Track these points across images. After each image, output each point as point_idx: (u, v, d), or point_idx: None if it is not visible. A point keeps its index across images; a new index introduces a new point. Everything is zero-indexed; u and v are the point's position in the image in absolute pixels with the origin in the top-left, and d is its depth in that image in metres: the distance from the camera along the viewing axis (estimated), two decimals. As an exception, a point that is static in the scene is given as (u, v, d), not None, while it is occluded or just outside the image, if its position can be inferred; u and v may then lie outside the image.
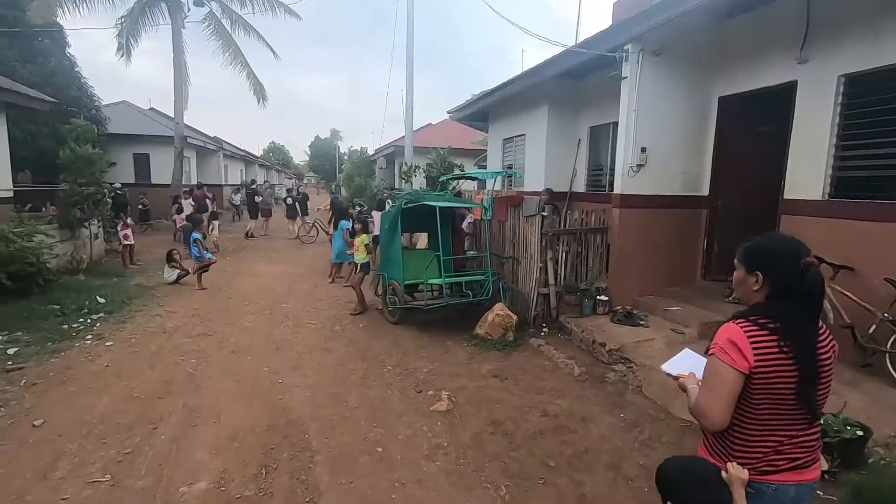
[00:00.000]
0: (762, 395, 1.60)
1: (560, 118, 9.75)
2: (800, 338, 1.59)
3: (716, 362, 1.62)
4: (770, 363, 1.57)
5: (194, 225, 9.07)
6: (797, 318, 1.61)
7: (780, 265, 1.63)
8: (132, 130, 20.53)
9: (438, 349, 5.97)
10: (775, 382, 1.58)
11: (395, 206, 6.83)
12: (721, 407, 1.61)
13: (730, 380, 1.58)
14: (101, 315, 6.93)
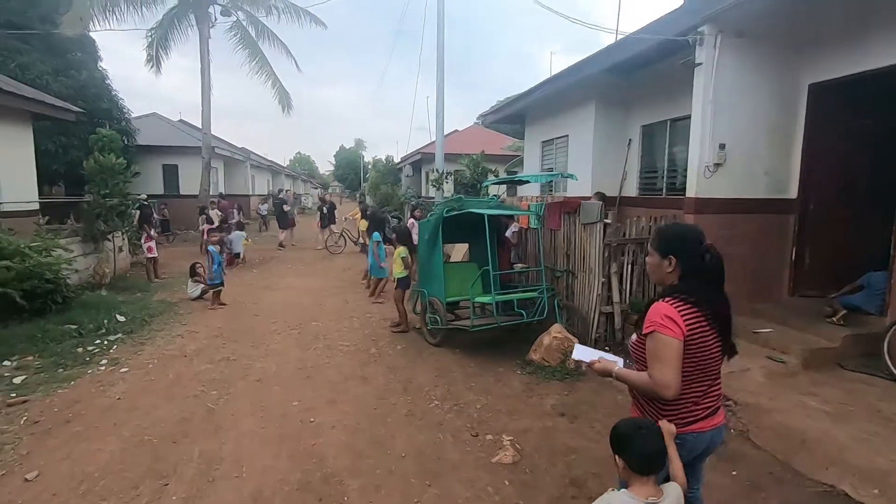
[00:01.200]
0: (690, 357, 1.90)
1: (609, 117, 8.91)
2: (712, 306, 1.92)
3: (662, 337, 1.87)
4: (696, 330, 1.89)
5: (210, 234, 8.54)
6: (707, 290, 1.94)
7: (688, 249, 1.99)
8: (161, 142, 20.47)
9: (489, 378, 5.18)
10: (700, 344, 1.90)
11: (435, 213, 6.10)
12: (677, 374, 1.86)
13: (677, 348, 1.86)
14: (118, 336, 6.37)
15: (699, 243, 1.99)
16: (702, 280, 1.95)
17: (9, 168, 9.32)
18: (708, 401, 1.99)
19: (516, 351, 5.83)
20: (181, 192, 20.43)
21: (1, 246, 6.38)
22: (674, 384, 1.85)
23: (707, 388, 1.98)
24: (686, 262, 1.98)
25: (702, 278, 1.96)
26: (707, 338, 1.91)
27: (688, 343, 1.87)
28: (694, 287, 1.94)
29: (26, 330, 6.10)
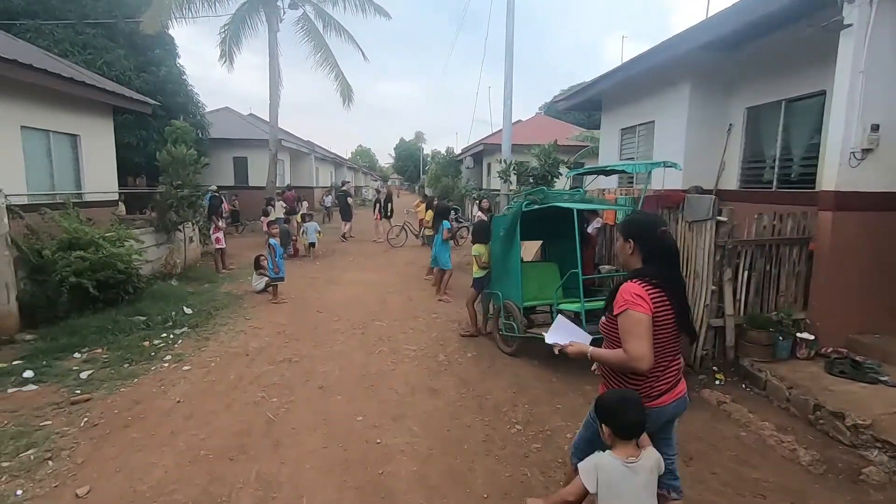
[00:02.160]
0: (654, 334, 2.07)
1: (706, 99, 7.81)
2: (671, 286, 2.14)
3: (634, 314, 2.04)
4: (660, 307, 2.09)
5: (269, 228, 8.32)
6: (666, 272, 2.15)
7: (645, 235, 2.21)
8: (232, 135, 21.05)
9: (576, 397, 4.48)
10: (662, 322, 2.11)
11: (512, 207, 5.43)
12: (650, 347, 2.04)
13: (647, 323, 2.05)
14: (184, 330, 6.23)
15: (655, 229, 2.20)
16: (662, 264, 2.15)
17: (91, 159, 9.59)
18: (669, 375, 2.19)
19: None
20: (250, 184, 20.94)
21: (76, 236, 6.40)
22: (647, 356, 2.01)
23: (668, 362, 2.19)
24: (643, 245, 2.19)
25: (661, 262, 2.15)
26: (667, 316, 2.12)
27: (654, 319, 2.06)
28: (656, 271, 2.13)
29: (98, 321, 6.07)
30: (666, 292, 2.11)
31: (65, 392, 4.41)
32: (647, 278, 2.11)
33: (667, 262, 2.18)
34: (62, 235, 6.36)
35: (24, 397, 4.30)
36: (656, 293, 2.08)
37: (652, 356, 2.02)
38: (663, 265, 2.16)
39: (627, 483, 1.92)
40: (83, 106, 9.30)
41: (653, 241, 2.18)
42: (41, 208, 6.71)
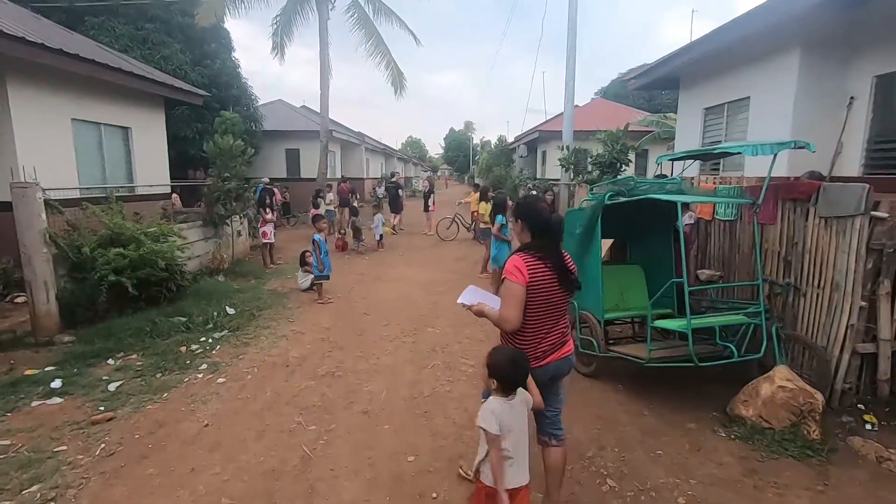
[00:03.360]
0: (535, 298, 2.38)
1: (819, 68, 6.46)
2: (550, 256, 2.43)
3: (509, 283, 2.37)
4: (537, 276, 2.38)
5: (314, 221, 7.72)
6: (547, 245, 2.46)
7: (530, 213, 2.53)
8: (285, 127, 20.99)
9: (678, 439, 3.54)
10: (543, 288, 2.39)
11: (593, 200, 4.49)
12: (517, 312, 2.35)
13: (518, 292, 2.35)
14: (224, 334, 5.75)
15: (537, 207, 2.56)
16: (544, 237, 2.48)
17: (142, 152, 9.42)
18: (552, 337, 2.49)
19: (706, 392, 4.12)
20: (302, 176, 20.83)
21: (117, 232, 6.06)
22: (513, 319, 2.36)
23: (553, 324, 2.49)
24: (530, 223, 2.52)
25: (543, 236, 2.48)
26: (549, 283, 2.41)
27: (532, 287, 2.37)
28: (539, 244, 2.48)
29: (138, 321, 5.69)
30: (548, 261, 2.41)
31: (89, 407, 3.96)
32: (529, 251, 2.44)
33: (548, 235, 2.50)
34: (102, 231, 6.02)
35: (47, 412, 3.88)
36: (537, 263, 2.39)
37: (517, 320, 2.36)
38: (545, 238, 2.48)
39: (512, 416, 2.24)
40: (134, 98, 9.11)
41: (536, 218, 2.50)
42: (82, 203, 6.42)
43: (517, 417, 2.25)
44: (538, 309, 2.40)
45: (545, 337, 2.45)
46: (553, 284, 2.41)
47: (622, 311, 4.66)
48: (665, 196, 3.98)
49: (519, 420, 2.26)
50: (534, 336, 2.44)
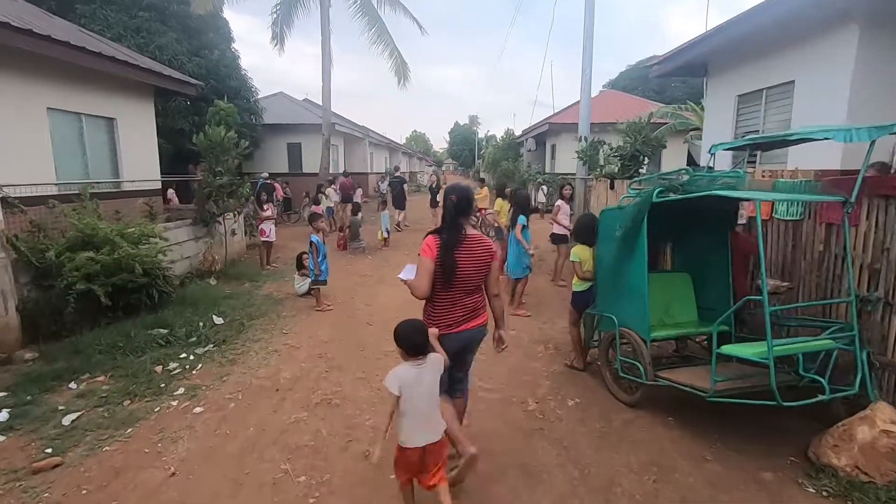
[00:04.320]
0: (440, 274, 2.67)
1: (881, 47, 5.67)
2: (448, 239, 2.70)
3: (420, 258, 2.71)
4: (445, 255, 2.66)
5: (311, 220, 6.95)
6: (449, 229, 2.73)
7: (446, 201, 2.82)
8: (286, 120, 20.25)
9: (752, 493, 2.82)
10: (448, 264, 2.66)
11: (639, 195, 3.73)
12: (425, 282, 2.66)
13: (427, 265, 2.67)
14: (208, 348, 5.06)
15: (448, 197, 2.82)
16: (448, 222, 2.77)
17: (130, 145, 8.73)
18: (459, 309, 2.76)
19: (776, 428, 3.39)
20: (304, 171, 20.12)
21: (89, 233, 5.36)
22: (421, 288, 2.67)
23: (460, 298, 2.76)
24: (445, 211, 2.84)
25: (450, 222, 2.76)
26: (455, 262, 2.67)
27: (437, 262, 2.66)
28: (443, 226, 2.78)
29: (110, 335, 5.01)
30: (447, 241, 2.71)
31: (35, 448, 3.28)
32: (438, 231, 2.77)
33: (452, 222, 2.77)
34: (71, 233, 5.33)
35: (-17, 456, 3.20)
36: (442, 246, 2.69)
37: (425, 289, 2.68)
38: (451, 224, 2.76)
39: (418, 377, 2.42)
40: (119, 86, 8.39)
41: (448, 206, 2.80)
42: (49, 200, 5.73)
43: (424, 380, 2.43)
44: (445, 282, 2.71)
45: (453, 308, 2.76)
46: (464, 263, 2.70)
47: (671, 329, 3.93)
48: (747, 194, 3.23)
49: (425, 383, 2.44)
50: (442, 305, 2.76)
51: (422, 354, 2.44)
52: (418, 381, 2.40)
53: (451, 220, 2.76)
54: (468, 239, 2.74)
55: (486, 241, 2.83)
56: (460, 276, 2.69)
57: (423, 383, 2.41)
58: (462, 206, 2.78)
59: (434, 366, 2.47)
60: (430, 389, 2.44)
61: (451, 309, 2.74)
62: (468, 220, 2.84)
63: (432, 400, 2.46)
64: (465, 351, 2.87)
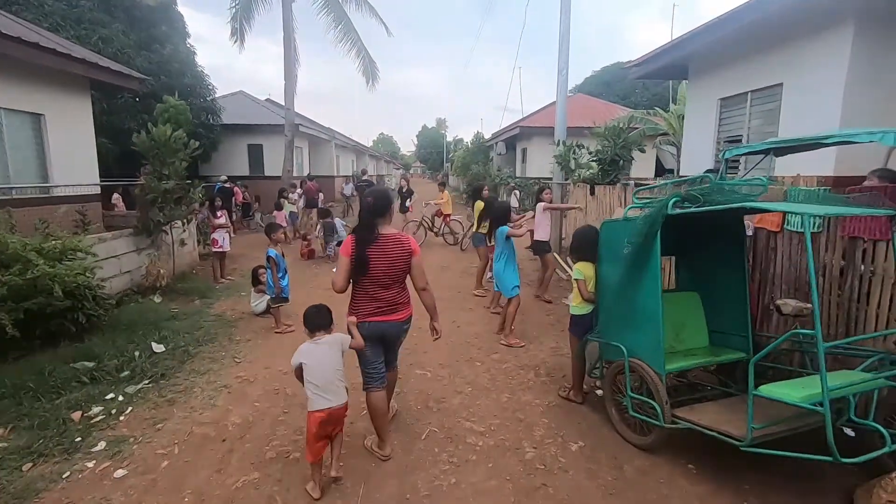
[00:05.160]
0: (356, 270, 2.97)
1: (876, 48, 5.42)
2: (362, 238, 2.98)
3: (339, 256, 3.04)
4: (355, 252, 2.95)
5: (269, 231, 5.95)
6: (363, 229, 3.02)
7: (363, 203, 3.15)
8: (247, 120, 19.13)
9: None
10: (363, 262, 2.94)
11: (649, 206, 3.20)
12: (342, 278, 3.00)
13: (345, 263, 2.97)
14: (143, 385, 4.25)
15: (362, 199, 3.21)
16: (362, 221, 3.05)
17: (61, 144, 7.71)
18: (377, 303, 3.03)
19: (810, 472, 2.92)
20: (266, 174, 19.05)
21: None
22: (338, 284, 3.00)
23: (377, 293, 3.02)
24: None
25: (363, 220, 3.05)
26: (367, 258, 2.95)
27: (353, 260, 2.94)
28: (358, 226, 3.06)
29: (19, 373, 4.13)
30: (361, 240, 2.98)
31: None
32: (355, 233, 3.03)
33: (364, 221, 3.05)
34: (-30, 249, 4.41)
35: None
36: (355, 244, 2.97)
37: (342, 284, 3.01)
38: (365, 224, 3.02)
39: (315, 351, 2.85)
40: (47, 79, 7.39)
41: (364, 207, 3.09)
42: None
43: (321, 354, 2.84)
44: (361, 278, 2.98)
45: (371, 300, 3.02)
46: (377, 260, 2.95)
47: (685, 358, 3.42)
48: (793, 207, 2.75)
49: (323, 356, 2.83)
50: (362, 298, 3.03)
51: (320, 331, 2.92)
52: (316, 355, 2.83)
53: (365, 220, 3.04)
54: (383, 238, 3.01)
55: (403, 241, 3.07)
56: (374, 272, 2.98)
57: (321, 356, 2.84)
58: (377, 208, 3.03)
59: (333, 342, 2.91)
60: (328, 360, 2.84)
61: (367, 301, 3.04)
62: (386, 221, 3.09)
63: (330, 370, 2.83)
64: (384, 341, 3.16)
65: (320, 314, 2.96)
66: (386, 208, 3.06)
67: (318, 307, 3.00)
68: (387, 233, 3.03)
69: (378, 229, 3.00)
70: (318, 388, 2.77)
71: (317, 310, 2.98)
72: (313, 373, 2.79)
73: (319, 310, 2.98)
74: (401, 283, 3.11)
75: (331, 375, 2.81)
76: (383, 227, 3.04)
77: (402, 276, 3.09)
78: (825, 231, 3.68)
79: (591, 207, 8.47)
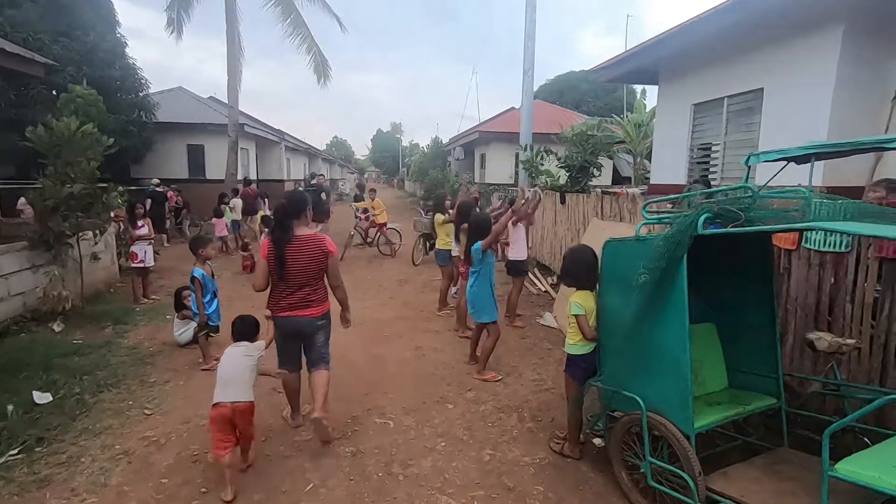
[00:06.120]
0: (273, 269, 3.15)
1: (862, 52, 5.13)
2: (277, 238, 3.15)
3: (259, 259, 3.24)
4: (273, 252, 3.13)
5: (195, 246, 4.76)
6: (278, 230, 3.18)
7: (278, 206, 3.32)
8: (186, 118, 17.47)
9: None
10: (277, 261, 3.13)
11: (675, 222, 2.53)
12: (260, 278, 3.22)
13: (262, 264, 3.19)
14: (11, 456, 3.16)
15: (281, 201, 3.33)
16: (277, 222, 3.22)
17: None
18: (292, 299, 3.20)
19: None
20: (208, 177, 17.47)
21: None
22: (257, 284, 3.23)
23: (293, 290, 3.20)
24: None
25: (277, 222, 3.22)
26: (284, 258, 3.12)
27: (270, 261, 3.14)
28: (274, 227, 3.22)
29: None
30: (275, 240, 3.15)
31: None
32: (272, 234, 3.20)
33: (277, 223, 3.21)
34: None
35: None
36: (271, 245, 3.15)
37: (261, 284, 3.21)
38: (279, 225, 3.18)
39: (232, 351, 3.04)
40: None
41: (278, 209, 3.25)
42: None
43: (237, 354, 3.03)
44: (276, 276, 3.18)
45: (286, 296, 3.22)
46: (293, 259, 3.15)
47: (716, 410, 2.75)
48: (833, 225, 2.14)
49: (237, 356, 3.02)
50: (277, 294, 3.25)
51: (244, 340, 3.10)
52: (231, 353, 3.04)
53: (279, 221, 3.20)
54: (298, 238, 3.16)
55: (317, 242, 3.21)
56: (290, 271, 3.14)
57: (236, 355, 3.02)
58: (290, 210, 3.19)
59: (251, 347, 3.08)
60: (241, 360, 3.00)
61: (283, 297, 3.21)
62: (302, 222, 3.23)
63: (240, 367, 2.96)
64: (300, 335, 3.32)
65: (245, 324, 3.14)
66: (301, 210, 3.22)
67: (244, 318, 3.17)
68: (302, 233, 3.20)
69: (294, 230, 3.17)
70: (222, 383, 2.91)
71: (242, 320, 3.15)
72: (223, 368, 2.98)
73: (244, 320, 3.16)
74: (316, 281, 3.26)
75: (239, 372, 2.95)
76: (299, 228, 3.21)
77: (317, 274, 3.25)
78: (853, 250, 3.17)
79: (561, 217, 7.89)
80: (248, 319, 3.15)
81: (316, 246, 3.19)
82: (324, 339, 3.40)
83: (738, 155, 6.58)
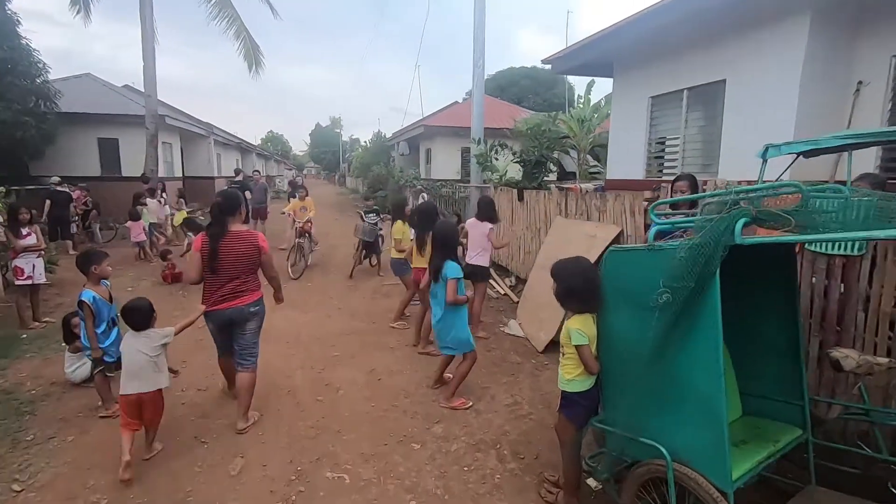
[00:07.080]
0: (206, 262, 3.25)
1: (830, 42, 4.98)
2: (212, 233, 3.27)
3: (192, 251, 3.36)
4: (206, 246, 3.25)
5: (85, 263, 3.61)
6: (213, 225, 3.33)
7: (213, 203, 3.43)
8: (96, 109, 15.41)
9: None
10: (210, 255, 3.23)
11: (698, 224, 2.02)
12: (191, 271, 3.35)
13: (196, 257, 3.26)
14: None
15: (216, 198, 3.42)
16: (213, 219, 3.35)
17: None
18: (223, 290, 3.29)
19: None
20: (123, 174, 15.53)
21: None
22: (190, 276, 3.42)
23: (223, 283, 3.28)
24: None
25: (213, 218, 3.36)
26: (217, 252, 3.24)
27: (203, 254, 3.23)
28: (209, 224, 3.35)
29: None
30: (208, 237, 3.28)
31: None
32: (207, 230, 3.33)
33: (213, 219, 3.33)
34: None
35: None
36: (206, 239, 3.26)
37: (194, 276, 3.32)
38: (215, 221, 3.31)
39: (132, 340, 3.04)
40: None
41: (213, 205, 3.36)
42: None
43: (139, 344, 3.02)
44: (208, 269, 3.26)
45: (217, 289, 3.29)
46: (225, 254, 3.25)
47: (747, 453, 2.28)
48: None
49: (137, 347, 3.01)
50: (209, 288, 3.33)
51: (141, 328, 3.06)
52: (131, 343, 3.03)
53: (214, 217, 3.33)
54: (231, 234, 3.29)
55: (250, 238, 3.35)
56: (222, 265, 3.27)
57: (139, 345, 3.02)
58: (225, 207, 3.31)
59: (153, 335, 3.09)
60: (144, 349, 3.01)
61: (216, 290, 3.31)
62: (236, 219, 3.34)
63: (143, 358, 2.99)
64: (231, 325, 3.41)
65: (136, 314, 3.06)
66: (235, 208, 3.33)
67: (136, 307, 3.08)
68: (236, 230, 3.31)
69: (228, 227, 3.28)
70: (127, 374, 2.97)
71: (132, 311, 3.06)
72: (127, 360, 3.00)
73: (138, 310, 3.07)
74: (246, 274, 3.34)
75: (143, 362, 2.97)
76: (233, 224, 3.31)
77: (248, 268, 3.34)
78: (868, 254, 2.84)
79: (519, 215, 7.40)
80: (141, 307, 3.06)
81: (249, 242, 3.31)
82: (255, 327, 3.44)
83: (698, 149, 6.38)
